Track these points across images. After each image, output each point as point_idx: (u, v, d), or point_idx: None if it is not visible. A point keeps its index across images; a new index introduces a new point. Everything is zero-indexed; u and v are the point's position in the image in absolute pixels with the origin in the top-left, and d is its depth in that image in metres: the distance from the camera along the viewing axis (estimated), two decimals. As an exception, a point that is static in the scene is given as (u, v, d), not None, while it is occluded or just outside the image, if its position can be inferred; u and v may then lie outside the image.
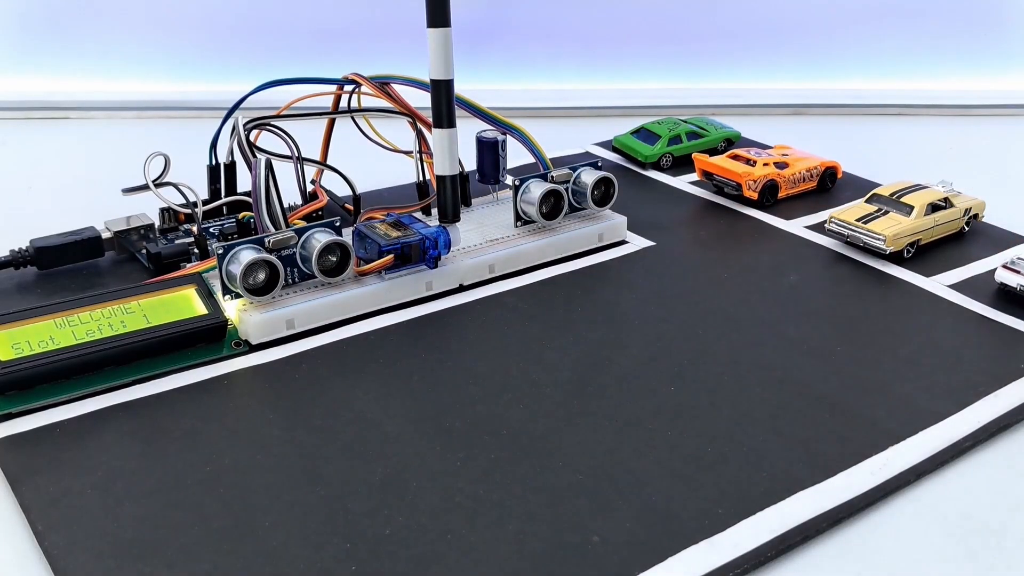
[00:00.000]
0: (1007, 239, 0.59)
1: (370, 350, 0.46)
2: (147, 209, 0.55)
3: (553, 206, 0.55)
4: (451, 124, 0.50)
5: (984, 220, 0.61)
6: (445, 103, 0.50)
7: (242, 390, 0.43)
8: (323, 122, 0.59)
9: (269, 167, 0.48)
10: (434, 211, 0.58)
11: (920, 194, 0.58)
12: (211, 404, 0.42)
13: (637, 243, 0.58)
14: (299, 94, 0.57)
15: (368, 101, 0.57)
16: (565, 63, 0.91)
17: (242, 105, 0.55)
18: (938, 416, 0.41)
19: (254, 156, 0.50)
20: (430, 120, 0.56)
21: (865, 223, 0.56)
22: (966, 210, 0.59)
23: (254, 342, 0.46)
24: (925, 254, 0.57)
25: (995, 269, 0.53)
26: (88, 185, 0.67)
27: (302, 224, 0.49)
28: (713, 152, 0.71)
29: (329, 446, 0.39)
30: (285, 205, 0.49)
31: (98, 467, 0.37)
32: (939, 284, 0.53)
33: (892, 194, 0.58)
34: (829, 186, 0.67)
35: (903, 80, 0.91)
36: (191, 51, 0.87)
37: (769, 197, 0.64)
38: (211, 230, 0.54)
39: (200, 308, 0.45)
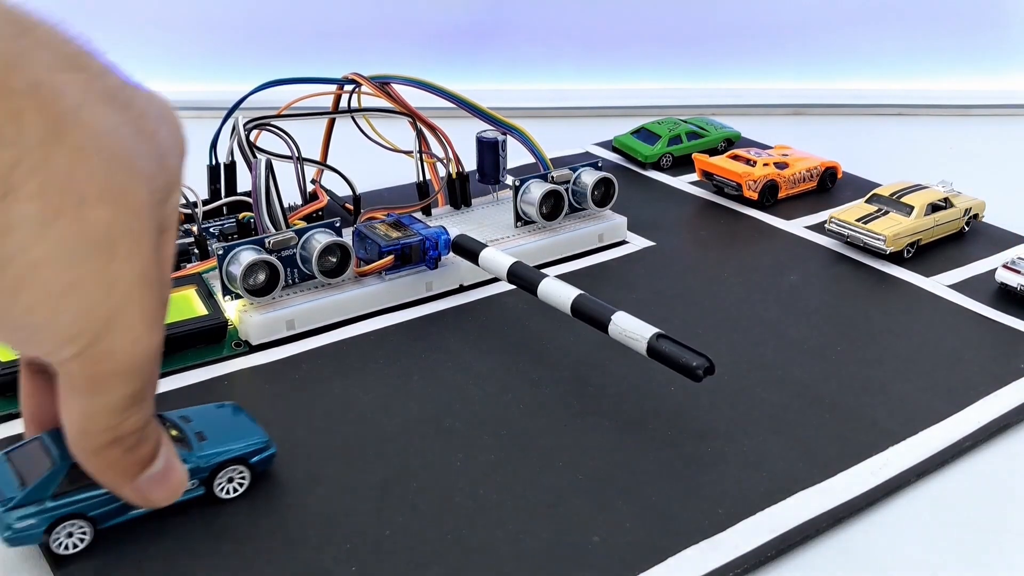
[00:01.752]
0: (1007, 239, 0.59)
1: (370, 350, 0.46)
2: (147, 209, 0.55)
3: (553, 206, 0.55)
4: None
5: (984, 220, 0.61)
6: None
7: (242, 390, 0.43)
8: (323, 122, 0.59)
9: (269, 167, 0.48)
10: (435, 211, 0.58)
11: (920, 194, 0.58)
12: (211, 404, 0.42)
13: (637, 243, 0.58)
14: (299, 94, 0.57)
15: (368, 101, 0.57)
16: (565, 63, 0.91)
17: (242, 105, 0.55)
18: (938, 416, 0.41)
19: (254, 156, 0.50)
20: (430, 120, 0.57)
21: (865, 223, 0.56)
22: (966, 210, 0.59)
23: (254, 343, 0.46)
24: (925, 254, 0.57)
25: (995, 269, 0.53)
26: (88, 185, 0.66)
27: (302, 224, 0.49)
28: (713, 152, 0.71)
29: (329, 445, 0.39)
30: (285, 205, 0.49)
31: (98, 467, 0.37)
32: (939, 284, 0.53)
33: (892, 194, 0.58)
34: (829, 186, 0.67)
35: (903, 80, 0.91)
36: (191, 51, 0.87)
37: (769, 197, 0.64)
38: (211, 230, 0.54)
39: (200, 309, 0.45)
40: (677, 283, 0.53)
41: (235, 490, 0.36)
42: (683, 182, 0.68)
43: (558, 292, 0.44)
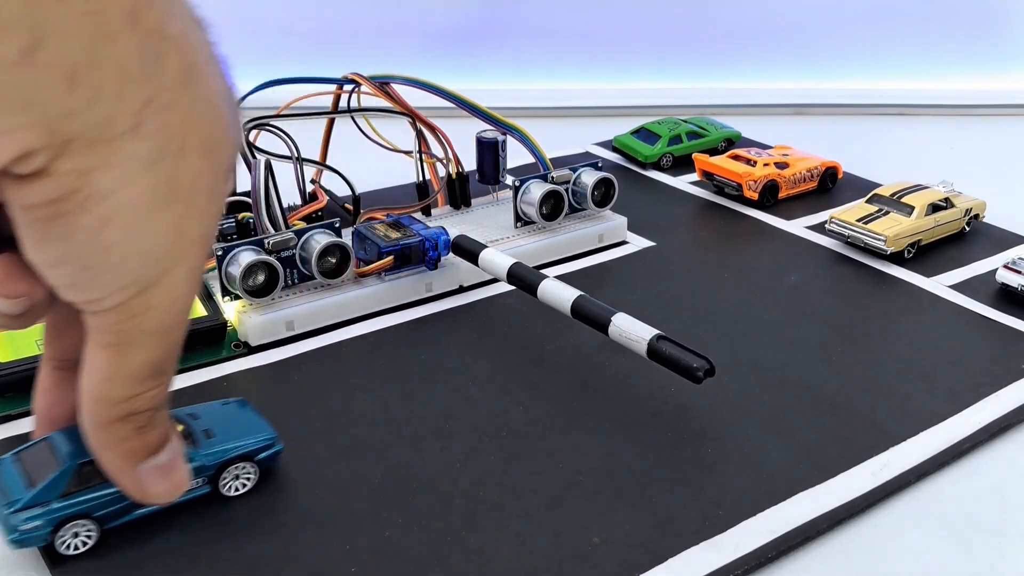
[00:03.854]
0: (1008, 239, 0.59)
1: (370, 351, 0.46)
2: (146, 210, 0.55)
3: (553, 207, 0.55)
4: None
5: (985, 220, 0.61)
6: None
7: (242, 392, 0.43)
8: (323, 122, 0.59)
9: (269, 167, 0.48)
10: (434, 211, 0.58)
11: (921, 194, 0.57)
12: (211, 405, 0.41)
13: (637, 243, 0.58)
14: (299, 94, 0.57)
15: (368, 101, 0.57)
16: (565, 63, 0.91)
17: (241, 105, 0.55)
18: (939, 417, 0.41)
19: (254, 156, 0.50)
20: (430, 120, 0.57)
21: (866, 223, 0.56)
22: (967, 210, 0.59)
23: (254, 344, 0.46)
24: (926, 254, 0.57)
25: (996, 269, 0.53)
26: (88, 185, 0.66)
27: (302, 225, 0.49)
28: (713, 152, 0.71)
29: (329, 447, 0.39)
30: (285, 205, 0.49)
31: (97, 468, 0.37)
32: (940, 284, 0.53)
33: (893, 194, 0.58)
34: (830, 186, 0.67)
35: (903, 80, 0.91)
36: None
37: (769, 197, 0.64)
38: (211, 231, 0.54)
39: (200, 310, 0.45)
40: (677, 284, 0.53)
41: (241, 487, 0.35)
42: (683, 182, 0.68)
43: (558, 293, 0.44)
